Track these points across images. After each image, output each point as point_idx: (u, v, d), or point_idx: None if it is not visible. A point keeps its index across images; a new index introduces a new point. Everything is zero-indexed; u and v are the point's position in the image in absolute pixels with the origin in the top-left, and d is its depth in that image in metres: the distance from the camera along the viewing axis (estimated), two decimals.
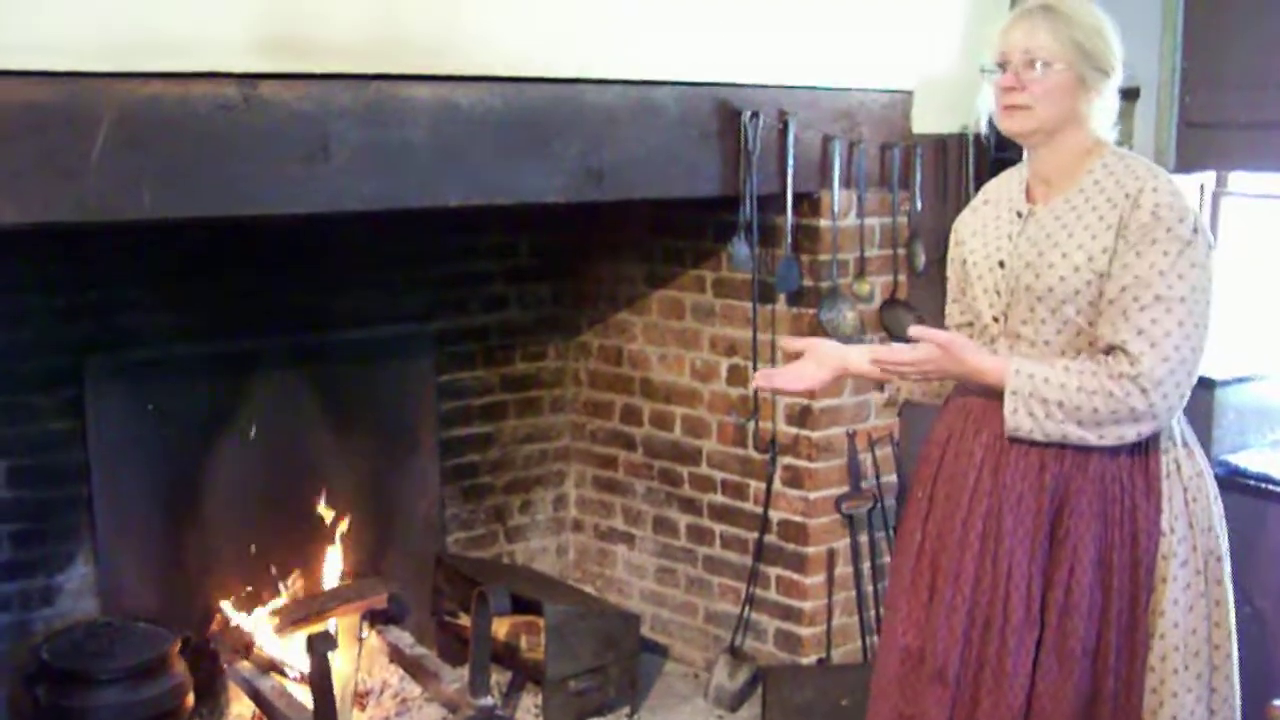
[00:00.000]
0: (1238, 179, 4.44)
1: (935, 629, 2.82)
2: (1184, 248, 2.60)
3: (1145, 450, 2.70)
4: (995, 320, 2.81)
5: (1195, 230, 2.62)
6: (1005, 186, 2.91)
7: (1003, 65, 2.71)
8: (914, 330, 2.73)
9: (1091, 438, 2.63)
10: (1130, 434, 2.63)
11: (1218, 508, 2.81)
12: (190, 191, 3.00)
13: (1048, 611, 2.73)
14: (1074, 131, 2.72)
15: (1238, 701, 2.83)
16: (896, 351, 2.83)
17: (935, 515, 2.88)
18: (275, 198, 3.13)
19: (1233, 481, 3.77)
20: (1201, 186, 4.39)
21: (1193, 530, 2.73)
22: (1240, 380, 4.10)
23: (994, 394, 2.71)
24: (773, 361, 4.28)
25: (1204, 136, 4.27)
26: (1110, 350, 2.62)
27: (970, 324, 3.00)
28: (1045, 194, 2.79)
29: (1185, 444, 2.77)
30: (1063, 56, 2.66)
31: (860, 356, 2.91)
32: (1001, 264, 2.79)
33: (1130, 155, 2.77)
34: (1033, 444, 2.70)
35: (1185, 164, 4.28)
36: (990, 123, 2.83)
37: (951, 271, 3.04)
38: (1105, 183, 2.70)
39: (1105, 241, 2.64)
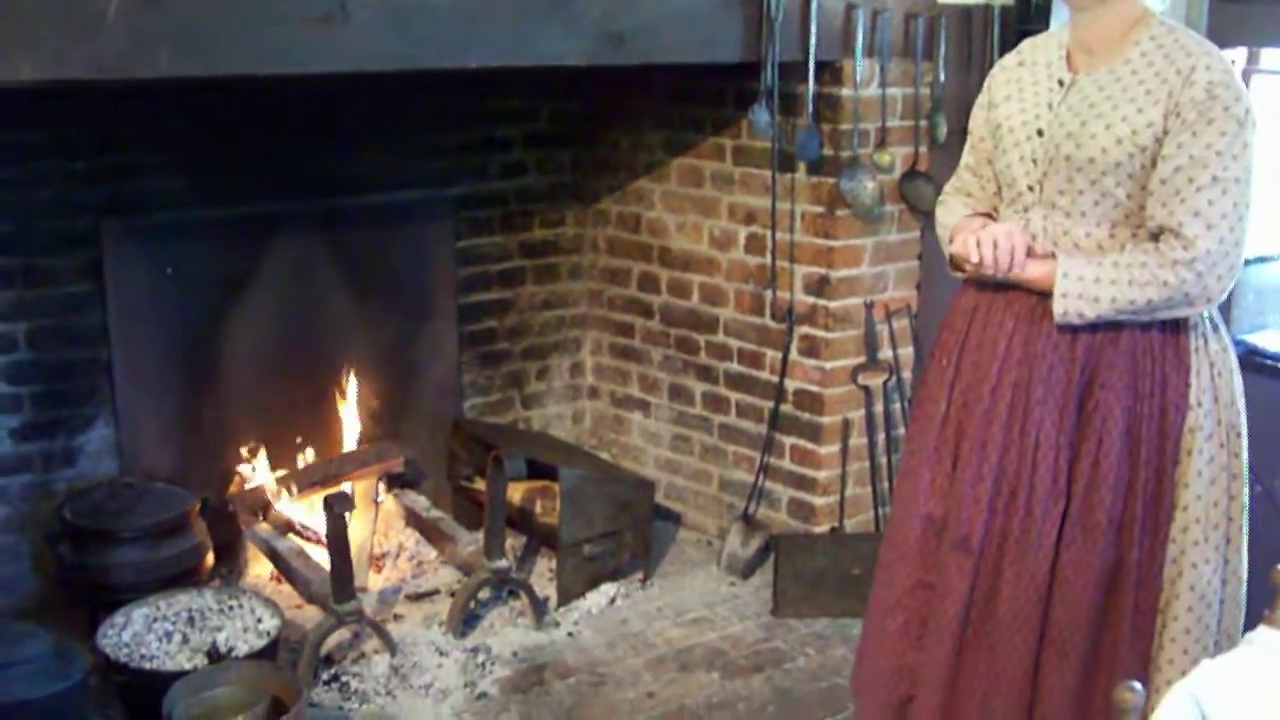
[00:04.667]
0: (1269, 55, 4.36)
1: (960, 497, 2.82)
2: (1239, 129, 2.56)
3: (1176, 325, 2.69)
4: (1030, 189, 2.76)
5: (1247, 111, 2.58)
6: (1044, 50, 2.84)
7: None
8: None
9: (1144, 320, 2.65)
10: (1183, 314, 2.65)
11: (1239, 384, 2.80)
12: (207, 50, 2.97)
13: (1074, 483, 2.73)
14: None
15: (1245, 575, 2.86)
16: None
17: (961, 384, 2.86)
18: (293, 58, 3.10)
19: (1250, 361, 3.76)
20: (1233, 62, 4.31)
21: (1218, 405, 2.73)
22: (1261, 260, 4.08)
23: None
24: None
25: (1236, 11, 4.18)
26: (1161, 232, 2.60)
27: (970, 195, 2.97)
28: (1088, 63, 2.72)
29: (1211, 319, 2.76)
30: None
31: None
32: (1040, 132, 2.73)
33: (1179, 28, 2.70)
34: None
35: (1217, 39, 4.13)
36: None
37: (975, 134, 2.98)
38: (1153, 55, 2.64)
39: (1151, 116, 2.59)
